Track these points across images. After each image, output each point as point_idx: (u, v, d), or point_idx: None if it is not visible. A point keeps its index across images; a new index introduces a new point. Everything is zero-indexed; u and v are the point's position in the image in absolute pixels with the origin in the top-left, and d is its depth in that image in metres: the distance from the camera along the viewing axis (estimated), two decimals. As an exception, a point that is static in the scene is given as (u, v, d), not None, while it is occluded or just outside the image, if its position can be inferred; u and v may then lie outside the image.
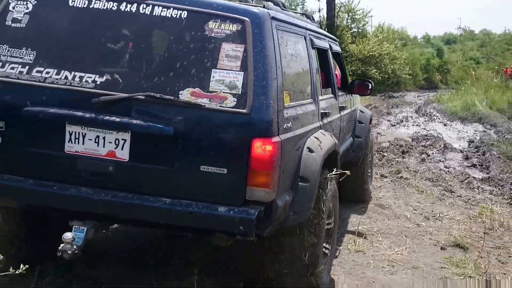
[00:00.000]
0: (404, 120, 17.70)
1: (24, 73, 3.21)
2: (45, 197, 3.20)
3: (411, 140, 12.98)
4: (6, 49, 3.26)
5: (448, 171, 9.80)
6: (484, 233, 5.90)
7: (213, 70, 3.10)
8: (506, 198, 7.76)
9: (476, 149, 11.89)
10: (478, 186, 8.49)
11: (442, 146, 12.17)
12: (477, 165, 10.40)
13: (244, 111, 3.03)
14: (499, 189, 8.39)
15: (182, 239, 4.80)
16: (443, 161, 10.84)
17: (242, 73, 3.08)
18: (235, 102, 3.05)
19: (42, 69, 3.21)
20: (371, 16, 29.70)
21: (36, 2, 3.32)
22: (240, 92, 3.06)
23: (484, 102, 19.33)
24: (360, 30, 29.36)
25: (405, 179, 8.48)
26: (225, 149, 3.08)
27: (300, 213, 3.40)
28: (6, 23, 3.30)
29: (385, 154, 10.71)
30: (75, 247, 3.09)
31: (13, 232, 3.79)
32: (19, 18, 3.30)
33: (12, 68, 3.22)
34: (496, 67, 41.17)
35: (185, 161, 3.11)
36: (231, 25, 3.16)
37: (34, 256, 3.77)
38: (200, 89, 3.08)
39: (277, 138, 3.09)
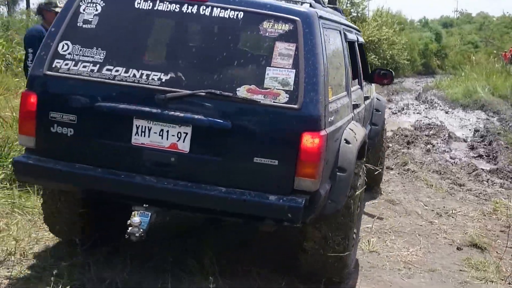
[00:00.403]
0: (405, 107, 17.48)
1: (95, 71, 3.44)
2: (113, 184, 3.46)
3: (414, 129, 12.74)
4: (78, 48, 3.48)
5: (455, 162, 9.60)
6: (501, 231, 5.72)
7: (267, 68, 3.33)
8: (518, 192, 7.58)
9: (481, 139, 11.70)
10: (488, 179, 8.28)
11: (447, 135, 11.95)
12: (484, 156, 10.21)
13: (295, 106, 3.26)
14: (510, 182, 8.20)
15: (195, 240, 4.67)
16: (448, 151, 10.65)
17: (294, 70, 3.31)
18: (287, 98, 3.28)
19: (111, 67, 3.44)
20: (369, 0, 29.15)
21: (104, 4, 3.53)
22: (292, 89, 3.29)
23: (486, 89, 19.05)
24: (359, 15, 28.96)
25: (412, 171, 8.26)
26: (277, 142, 3.33)
27: (337, 201, 3.63)
28: (78, 24, 3.52)
29: (390, 144, 10.49)
30: (141, 230, 3.40)
31: (76, 216, 4.06)
32: (89, 19, 3.52)
33: (84, 67, 3.45)
34: (495, 51, 40.98)
35: (240, 153, 3.37)
36: (283, 25, 3.38)
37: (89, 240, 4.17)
38: (256, 86, 3.32)
39: (324, 131, 3.33)
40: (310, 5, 3.64)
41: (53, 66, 3.48)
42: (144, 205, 3.49)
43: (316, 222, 3.72)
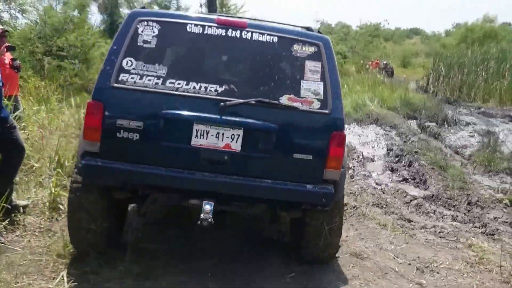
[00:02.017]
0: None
1: (160, 84, 4.03)
2: (177, 181, 4.04)
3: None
4: (142, 64, 4.03)
5: (383, 189, 8.78)
6: (505, 290, 4.80)
7: (301, 81, 4.19)
8: (478, 226, 6.82)
9: (397, 158, 11.03)
10: (434, 210, 7.49)
11: (360, 156, 11.19)
12: (410, 179, 9.47)
13: (326, 111, 4.14)
14: (457, 212, 7.47)
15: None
16: (369, 175, 9.84)
17: (322, 83, 4.18)
18: (320, 105, 4.15)
19: (174, 80, 4.04)
20: (244, 11, 28.32)
21: (160, 27, 4.13)
22: (322, 98, 4.15)
23: (375, 101, 18.82)
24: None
25: (353, 207, 7.25)
26: (312, 140, 4.18)
27: (340, 191, 4.49)
28: (138, 44, 4.07)
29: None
30: (211, 217, 4.06)
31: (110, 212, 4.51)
32: (148, 40, 4.09)
33: (149, 80, 4.02)
34: (362, 61, 42.23)
35: (283, 151, 4.13)
36: (310, 47, 4.26)
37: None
38: (294, 95, 4.15)
39: (345, 131, 4.27)
40: (319, 32, 4.63)
41: (120, 79, 4.00)
42: (203, 198, 4.12)
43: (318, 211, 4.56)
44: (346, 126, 16.53)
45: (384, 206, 7.55)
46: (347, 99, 20.57)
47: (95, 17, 29.43)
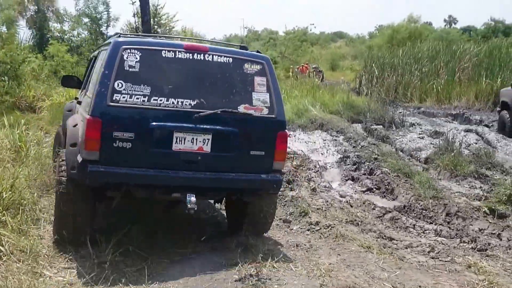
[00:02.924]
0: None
1: (146, 101, 4.97)
2: (165, 179, 5.10)
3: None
4: (130, 85, 4.94)
5: (349, 202, 8.17)
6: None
7: (253, 92, 5.32)
8: (467, 241, 6.28)
9: (355, 166, 10.43)
10: (414, 225, 6.93)
11: (317, 166, 10.53)
12: (374, 189, 8.90)
13: (273, 116, 5.35)
14: (438, 225, 6.91)
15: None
16: (330, 187, 9.22)
17: (268, 93, 5.34)
18: (268, 111, 5.33)
19: (156, 97, 5.00)
20: (177, 20, 27.33)
21: (140, 54, 5.05)
22: (269, 105, 5.32)
23: (317, 106, 18.28)
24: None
25: (327, 226, 6.58)
26: (263, 139, 5.36)
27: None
28: (125, 68, 4.97)
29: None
30: (196, 206, 5.14)
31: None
32: (133, 64, 5.00)
33: (137, 98, 4.94)
34: (291, 66, 42.00)
35: (243, 149, 5.29)
36: (257, 65, 5.40)
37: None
38: (248, 105, 5.27)
39: (287, 132, 5.58)
40: (258, 51, 5.77)
41: (114, 99, 4.89)
42: (182, 192, 5.14)
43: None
44: (291, 133, 16.17)
45: (359, 224, 6.92)
46: (286, 104, 20.01)
47: (23, 31, 27.14)
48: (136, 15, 25.24)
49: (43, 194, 7.09)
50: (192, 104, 5.07)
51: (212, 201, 7.27)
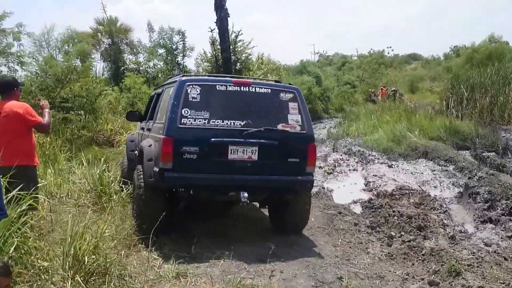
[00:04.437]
0: (336, 164, 14.56)
1: (206, 123, 6.37)
2: (224, 181, 6.39)
3: (388, 199, 9.75)
4: (194, 112, 6.36)
5: (500, 253, 6.73)
6: None
7: (288, 115, 6.69)
8: None
9: (487, 203, 8.89)
10: None
11: (444, 206, 9.06)
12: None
13: (304, 132, 6.70)
14: None
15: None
16: (467, 232, 7.77)
17: (300, 115, 6.72)
18: (300, 128, 6.68)
19: (214, 120, 6.40)
20: (252, 47, 26.27)
21: (200, 88, 6.53)
22: (301, 124, 6.69)
23: (416, 132, 16.74)
24: (244, 64, 26.08)
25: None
26: (297, 149, 6.65)
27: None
28: (189, 99, 6.42)
29: (393, 233, 7.40)
30: (248, 200, 6.38)
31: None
32: (195, 95, 6.46)
33: (199, 121, 6.35)
34: (371, 89, 40.36)
35: (282, 157, 6.58)
36: (290, 94, 6.78)
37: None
38: (285, 123, 6.62)
39: (315, 143, 6.90)
40: (289, 84, 7.34)
41: (182, 122, 6.30)
42: (236, 191, 6.37)
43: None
44: (393, 163, 14.62)
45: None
46: (379, 130, 18.56)
47: (99, 64, 26.72)
48: (213, 44, 24.51)
49: (131, 252, 5.97)
50: (242, 124, 6.45)
51: (258, 205, 8.25)
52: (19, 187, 5.19)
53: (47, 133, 8.68)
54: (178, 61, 28.64)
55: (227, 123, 6.37)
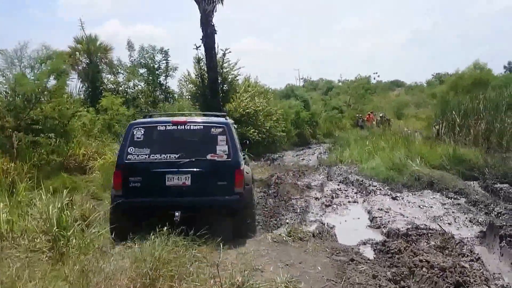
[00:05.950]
0: (334, 195, 13.22)
1: (147, 157, 7.88)
2: (163, 203, 7.78)
3: (401, 240, 8.40)
4: (137, 149, 7.91)
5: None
6: None
7: (217, 146, 7.98)
8: None
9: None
10: None
11: (473, 251, 7.74)
12: None
13: (230, 160, 7.94)
14: None
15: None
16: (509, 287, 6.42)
17: (227, 146, 7.99)
18: (226, 157, 7.94)
19: (154, 155, 7.90)
20: (239, 68, 25.06)
21: (144, 129, 8.07)
22: (227, 153, 7.96)
23: (417, 160, 15.50)
24: (230, 86, 24.81)
25: None
26: (225, 174, 7.87)
27: (244, 199, 8.07)
28: (134, 139, 7.99)
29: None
30: (178, 218, 7.42)
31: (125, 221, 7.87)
32: (139, 136, 8.00)
33: (141, 156, 7.88)
34: (357, 115, 39.35)
35: (212, 181, 7.81)
36: (219, 129, 8.12)
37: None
38: (213, 154, 7.90)
39: (241, 167, 8.11)
40: (225, 117, 8.94)
41: (127, 158, 7.88)
42: (174, 210, 7.55)
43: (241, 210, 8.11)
44: (397, 194, 13.20)
45: None
46: (375, 158, 17.31)
47: (74, 83, 24.99)
48: (198, 62, 23.21)
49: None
50: (176, 156, 7.87)
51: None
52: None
53: None
54: (160, 81, 27.29)
55: (164, 156, 7.91)
